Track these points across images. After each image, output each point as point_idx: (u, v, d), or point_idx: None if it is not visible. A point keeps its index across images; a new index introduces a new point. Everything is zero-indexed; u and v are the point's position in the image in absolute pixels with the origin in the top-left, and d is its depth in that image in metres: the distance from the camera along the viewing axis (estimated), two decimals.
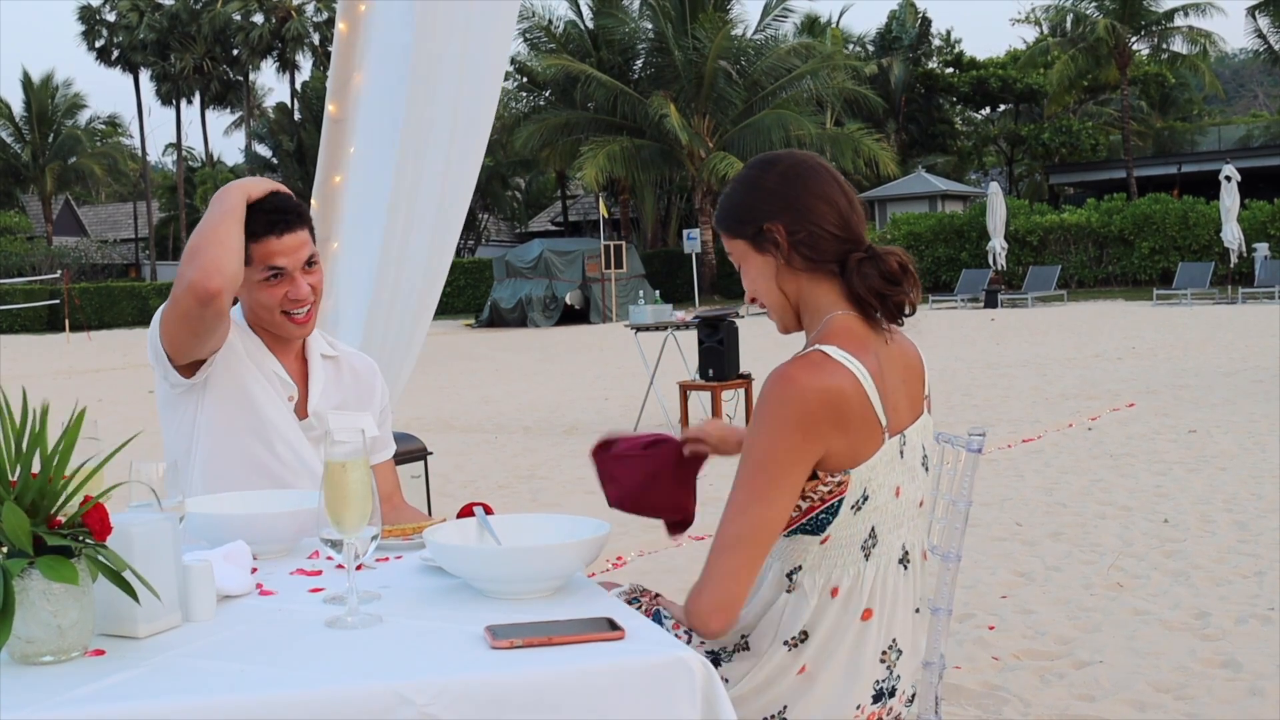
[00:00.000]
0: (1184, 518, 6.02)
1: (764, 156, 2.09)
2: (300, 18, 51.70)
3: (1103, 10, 38.35)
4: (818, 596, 1.94)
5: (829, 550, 1.94)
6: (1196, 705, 3.52)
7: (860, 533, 1.94)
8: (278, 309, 2.59)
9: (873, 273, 1.94)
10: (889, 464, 1.94)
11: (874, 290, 1.94)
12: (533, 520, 2.09)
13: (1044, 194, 43.04)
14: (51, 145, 53.03)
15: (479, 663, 1.54)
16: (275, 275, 2.56)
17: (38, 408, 1.58)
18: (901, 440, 1.96)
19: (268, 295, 2.57)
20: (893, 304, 1.95)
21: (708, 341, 9.85)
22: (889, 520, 1.96)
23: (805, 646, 1.95)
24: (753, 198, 2.03)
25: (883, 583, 1.97)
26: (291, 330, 2.62)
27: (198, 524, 2.14)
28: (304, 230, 2.60)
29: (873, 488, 1.92)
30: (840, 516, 1.91)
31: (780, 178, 2.02)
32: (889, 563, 1.98)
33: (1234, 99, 62.97)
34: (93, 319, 40.92)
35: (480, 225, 51.68)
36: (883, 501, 1.94)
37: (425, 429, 9.97)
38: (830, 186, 2.01)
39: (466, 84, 3.99)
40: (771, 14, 37.01)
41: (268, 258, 2.54)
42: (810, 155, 2.07)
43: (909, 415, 2.00)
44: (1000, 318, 23.66)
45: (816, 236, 1.97)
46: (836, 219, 1.99)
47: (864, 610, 1.96)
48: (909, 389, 2.01)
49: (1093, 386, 11.80)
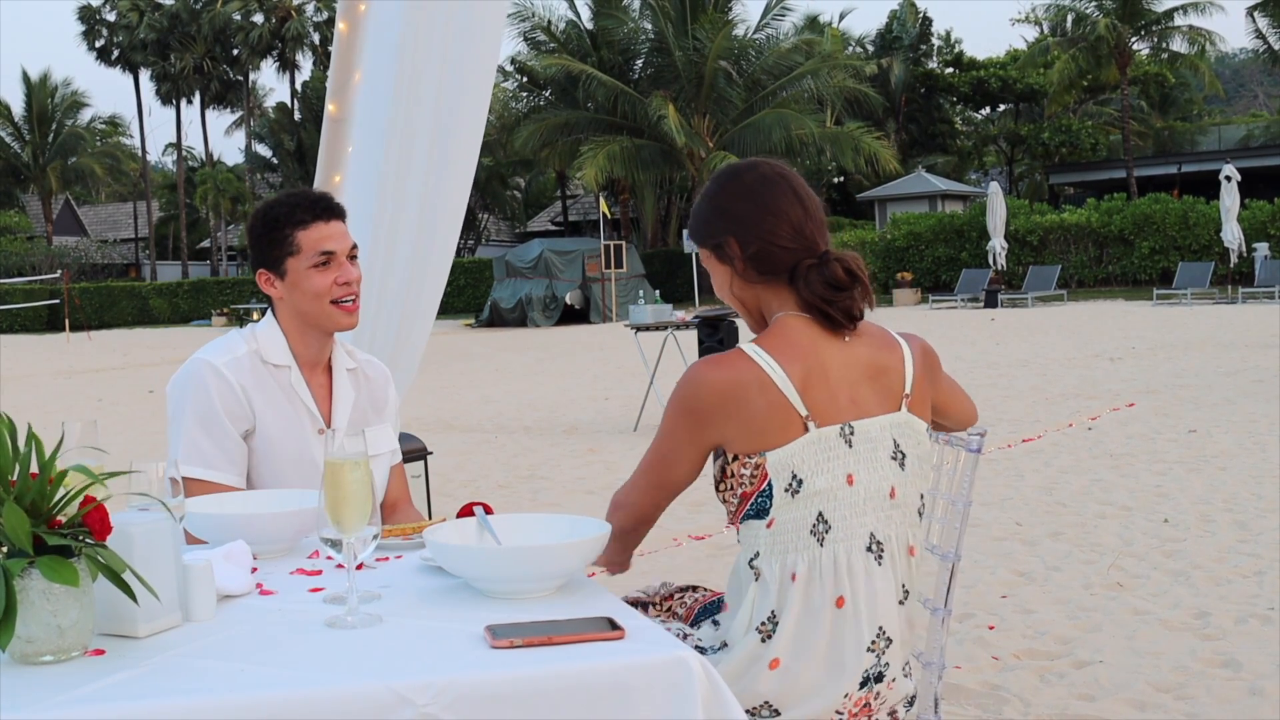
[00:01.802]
0: (1184, 518, 6.02)
1: (726, 169, 2.19)
2: (300, 18, 51.70)
3: (1103, 10, 38.34)
4: (778, 581, 2.00)
5: (777, 535, 2.01)
6: (1196, 705, 3.52)
7: (806, 517, 1.99)
8: (328, 297, 2.59)
9: (817, 280, 2.03)
10: (825, 451, 2.00)
11: (820, 297, 2.02)
12: (533, 520, 2.10)
13: (1044, 194, 43.04)
14: (52, 145, 53.03)
15: (479, 663, 1.54)
16: (326, 260, 2.58)
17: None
18: (847, 430, 2.02)
19: (319, 281, 2.59)
20: (839, 309, 2.03)
21: (708, 341, 9.85)
22: (843, 507, 2.01)
23: (776, 636, 1.99)
24: (711, 212, 2.14)
25: (849, 570, 2.00)
26: (340, 320, 2.62)
27: (198, 524, 2.14)
28: (344, 224, 2.66)
29: (805, 472, 1.98)
30: (777, 500, 1.99)
31: (734, 194, 2.11)
32: (851, 550, 2.01)
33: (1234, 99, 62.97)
34: (93, 319, 40.91)
35: (480, 225, 51.69)
36: (825, 486, 1.99)
37: (425, 429, 9.97)
38: (785, 199, 2.09)
39: (454, 83, 4.00)
40: (771, 13, 37.02)
41: (318, 243, 2.58)
42: (770, 166, 2.14)
43: (868, 409, 2.05)
44: (1000, 318, 23.66)
45: (768, 250, 2.07)
46: (789, 231, 2.07)
47: (836, 598, 1.99)
48: (875, 386, 2.07)
49: (1093, 386, 11.80)
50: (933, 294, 30.42)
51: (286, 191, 2.74)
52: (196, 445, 2.53)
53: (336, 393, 2.70)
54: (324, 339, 2.68)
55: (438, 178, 4.08)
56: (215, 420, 2.54)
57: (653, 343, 11.36)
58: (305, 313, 2.62)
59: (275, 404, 2.61)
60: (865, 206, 39.91)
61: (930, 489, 2.41)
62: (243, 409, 2.57)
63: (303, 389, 2.65)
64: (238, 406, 2.56)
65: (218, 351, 2.60)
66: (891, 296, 31.01)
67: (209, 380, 2.55)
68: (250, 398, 2.58)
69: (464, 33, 3.99)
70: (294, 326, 2.65)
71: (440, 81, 3.98)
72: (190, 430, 2.54)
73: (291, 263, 2.59)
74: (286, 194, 2.66)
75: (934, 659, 2.22)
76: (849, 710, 2.02)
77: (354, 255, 2.65)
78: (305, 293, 2.60)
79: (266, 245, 2.63)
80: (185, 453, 2.52)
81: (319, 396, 2.68)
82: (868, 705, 2.04)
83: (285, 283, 2.61)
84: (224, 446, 2.55)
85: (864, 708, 2.03)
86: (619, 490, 2.20)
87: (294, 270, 2.59)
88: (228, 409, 2.55)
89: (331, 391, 2.70)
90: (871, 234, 34.49)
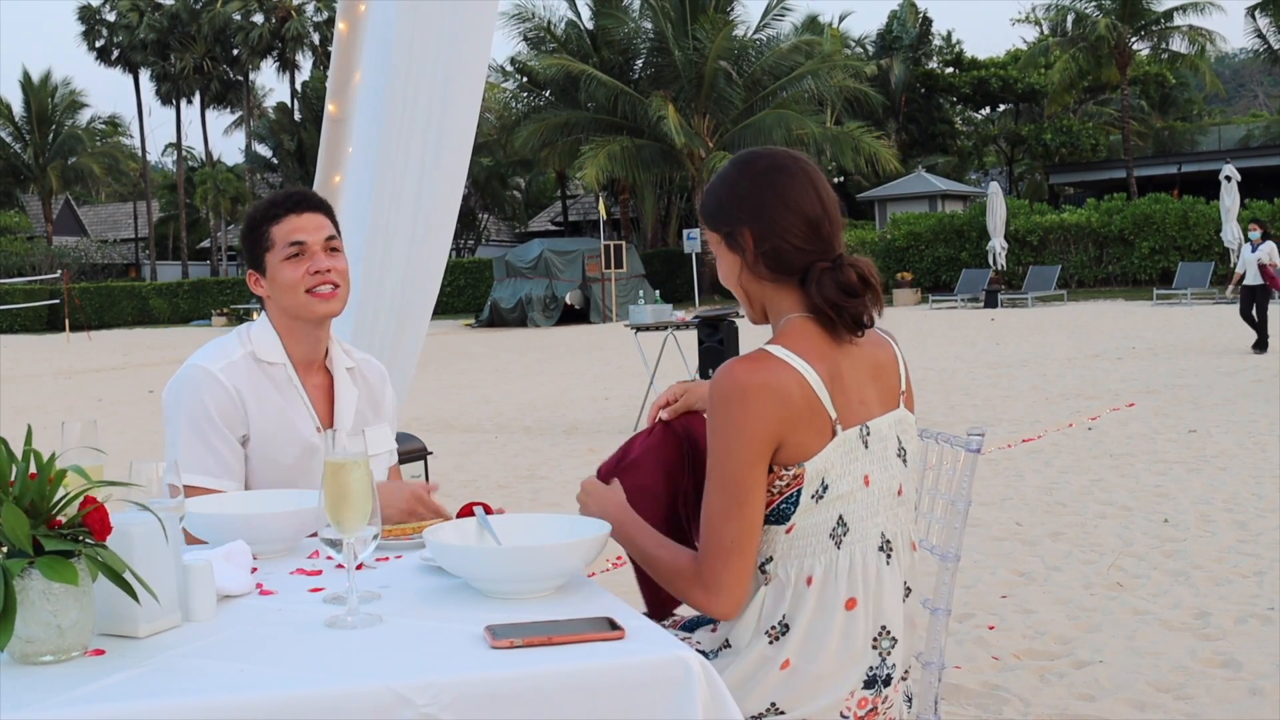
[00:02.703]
0: (1184, 518, 6.02)
1: (746, 154, 2.11)
2: (300, 18, 51.70)
3: (1103, 10, 38.34)
4: (792, 586, 1.97)
5: (795, 540, 1.97)
6: (1196, 705, 3.52)
7: (827, 521, 1.97)
8: (301, 287, 2.59)
9: (830, 285, 1.98)
10: (848, 454, 1.97)
11: (830, 302, 1.97)
12: (533, 520, 2.09)
13: (1044, 194, 43.04)
14: (52, 145, 53.04)
15: (479, 663, 1.54)
16: (297, 251, 2.59)
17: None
18: (864, 431, 2.00)
19: (291, 272, 2.59)
20: (849, 316, 1.99)
21: (708, 341, 9.85)
22: (860, 509, 1.99)
23: (786, 639, 1.97)
24: (727, 198, 2.07)
25: (863, 571, 1.99)
26: (316, 308, 2.61)
27: (198, 524, 2.14)
28: (323, 216, 2.67)
29: (831, 477, 1.96)
30: (801, 506, 1.96)
31: (755, 182, 2.04)
32: (866, 551, 1.99)
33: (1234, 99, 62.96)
34: (93, 319, 40.92)
35: (480, 225, 51.69)
36: (847, 490, 1.97)
37: (425, 429, 9.98)
38: (804, 193, 2.02)
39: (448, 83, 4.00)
40: (771, 13, 37.02)
41: (289, 234, 2.60)
42: (791, 157, 2.07)
43: (874, 409, 2.03)
44: (1000, 318, 23.66)
45: (780, 250, 2.01)
46: (804, 230, 2.01)
47: (847, 600, 1.97)
48: (878, 385, 2.05)
49: (1093, 386, 11.80)
50: (933, 294, 30.43)
51: (274, 192, 2.76)
52: (195, 452, 2.54)
53: (339, 393, 2.70)
54: (314, 333, 2.67)
55: (432, 177, 4.09)
56: (212, 427, 2.54)
57: (653, 343, 11.36)
58: (286, 306, 2.63)
59: (272, 405, 2.61)
60: (865, 206, 39.90)
61: (930, 488, 2.41)
62: (239, 414, 2.57)
63: (300, 387, 2.65)
64: (234, 412, 2.56)
65: (213, 356, 2.60)
66: (891, 297, 31.02)
67: (206, 387, 2.55)
68: (246, 403, 2.58)
69: (458, 33, 3.99)
70: (284, 323, 2.66)
71: (434, 82, 3.99)
72: (188, 438, 2.54)
73: (269, 258, 2.61)
74: (271, 194, 2.70)
75: (934, 659, 2.22)
76: (854, 713, 2.00)
77: (334, 246, 2.65)
78: (281, 285, 2.61)
79: (250, 245, 2.67)
80: (185, 460, 2.52)
81: (315, 397, 2.68)
82: (874, 709, 2.01)
83: (268, 279, 2.64)
84: (220, 454, 2.55)
85: (869, 711, 2.01)
86: (712, 541, 1.95)
87: (271, 265, 2.61)
88: (224, 415, 2.55)
89: (330, 392, 2.70)
90: (871, 234, 34.50)
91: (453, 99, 4.05)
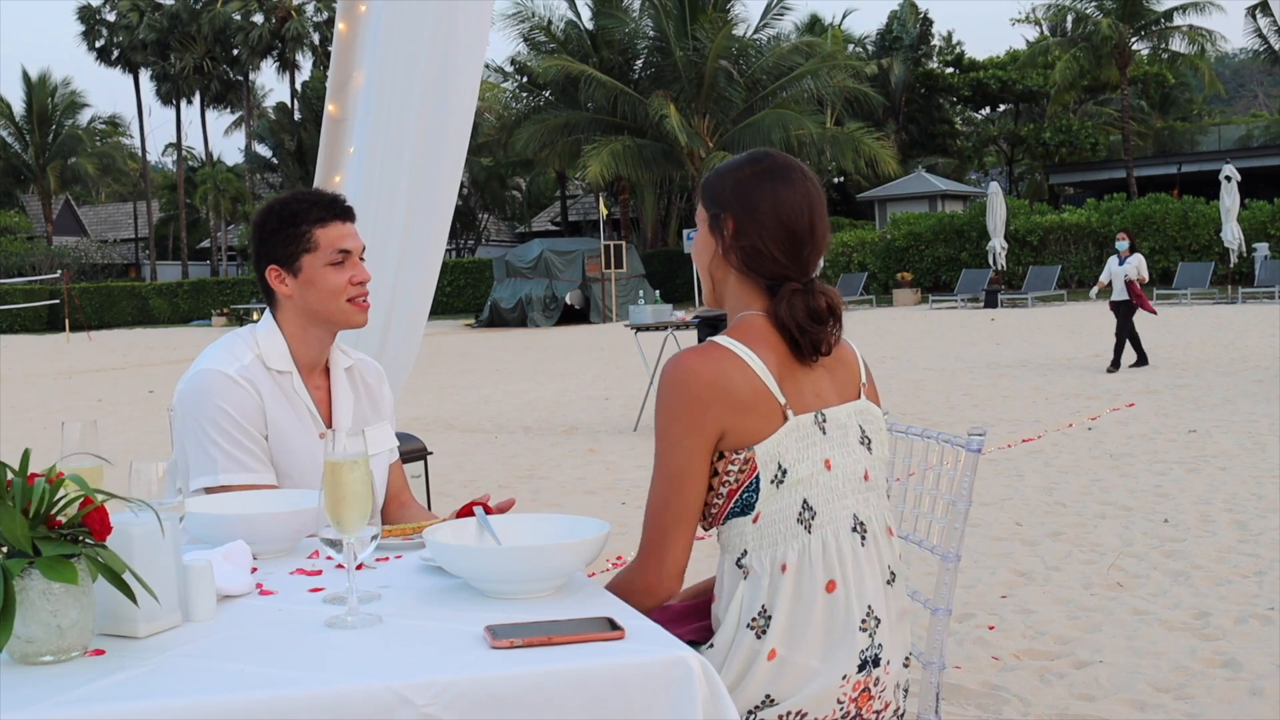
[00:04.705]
0: (1184, 518, 6.02)
1: (763, 152, 2.16)
2: (300, 18, 51.70)
3: (1103, 10, 38.33)
4: (769, 575, 2.00)
5: (764, 528, 2.00)
6: (1196, 705, 3.52)
7: (791, 506, 2.00)
8: (344, 295, 2.60)
9: (800, 307, 2.03)
10: (803, 439, 2.01)
11: (797, 323, 2.02)
12: (533, 520, 2.09)
13: (1044, 194, 43.03)
14: (52, 145, 53.04)
15: (479, 663, 1.54)
16: (343, 259, 2.60)
17: None
18: (820, 418, 2.03)
19: (335, 278, 2.59)
20: (811, 340, 2.04)
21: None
22: (825, 492, 2.02)
23: (770, 629, 1.98)
24: (730, 184, 2.11)
25: (838, 553, 2.01)
26: (354, 317, 2.63)
27: (198, 524, 2.14)
28: (355, 226, 2.69)
29: (789, 461, 1.99)
30: (763, 493, 1.99)
31: (756, 178, 2.08)
32: (839, 533, 2.02)
33: (1234, 99, 62.95)
34: (93, 319, 40.92)
35: (480, 225, 51.69)
36: (807, 473, 2.00)
37: (425, 429, 9.98)
38: (796, 209, 2.06)
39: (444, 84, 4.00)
40: (771, 13, 37.01)
41: (336, 240, 2.59)
42: (801, 172, 2.10)
43: (830, 399, 2.07)
44: (1000, 318, 23.66)
45: (756, 250, 2.06)
46: (784, 241, 2.05)
47: (826, 582, 1.99)
48: (834, 378, 2.09)
49: (1093, 386, 11.80)
50: (933, 294, 30.42)
51: (300, 189, 2.75)
52: (227, 453, 2.52)
53: (336, 393, 2.70)
54: (326, 339, 2.67)
55: (426, 177, 4.09)
56: (238, 427, 2.53)
57: (653, 343, 11.36)
58: (317, 310, 2.61)
59: (283, 410, 2.61)
60: (865, 206, 39.90)
61: (931, 488, 2.41)
62: (260, 415, 2.56)
63: (304, 393, 2.65)
64: (255, 413, 2.56)
65: (225, 360, 2.58)
66: (891, 297, 31.01)
67: (224, 389, 2.54)
68: (265, 404, 2.58)
69: (454, 34, 3.99)
70: (297, 327, 2.64)
71: (430, 82, 3.99)
72: (215, 441, 2.52)
73: (308, 259, 2.58)
74: (302, 191, 2.67)
75: (934, 659, 2.22)
76: (849, 696, 2.01)
77: (363, 257, 2.68)
78: (321, 289, 2.59)
79: (281, 241, 2.61)
80: (223, 464, 2.51)
81: (317, 399, 2.68)
82: (867, 690, 2.03)
83: (298, 280, 2.60)
84: (252, 450, 2.55)
85: (863, 692, 2.02)
86: (654, 516, 2.04)
87: (310, 267, 2.58)
88: (246, 415, 2.54)
89: (330, 393, 2.70)
90: (871, 234, 34.49)
91: (448, 98, 4.06)
